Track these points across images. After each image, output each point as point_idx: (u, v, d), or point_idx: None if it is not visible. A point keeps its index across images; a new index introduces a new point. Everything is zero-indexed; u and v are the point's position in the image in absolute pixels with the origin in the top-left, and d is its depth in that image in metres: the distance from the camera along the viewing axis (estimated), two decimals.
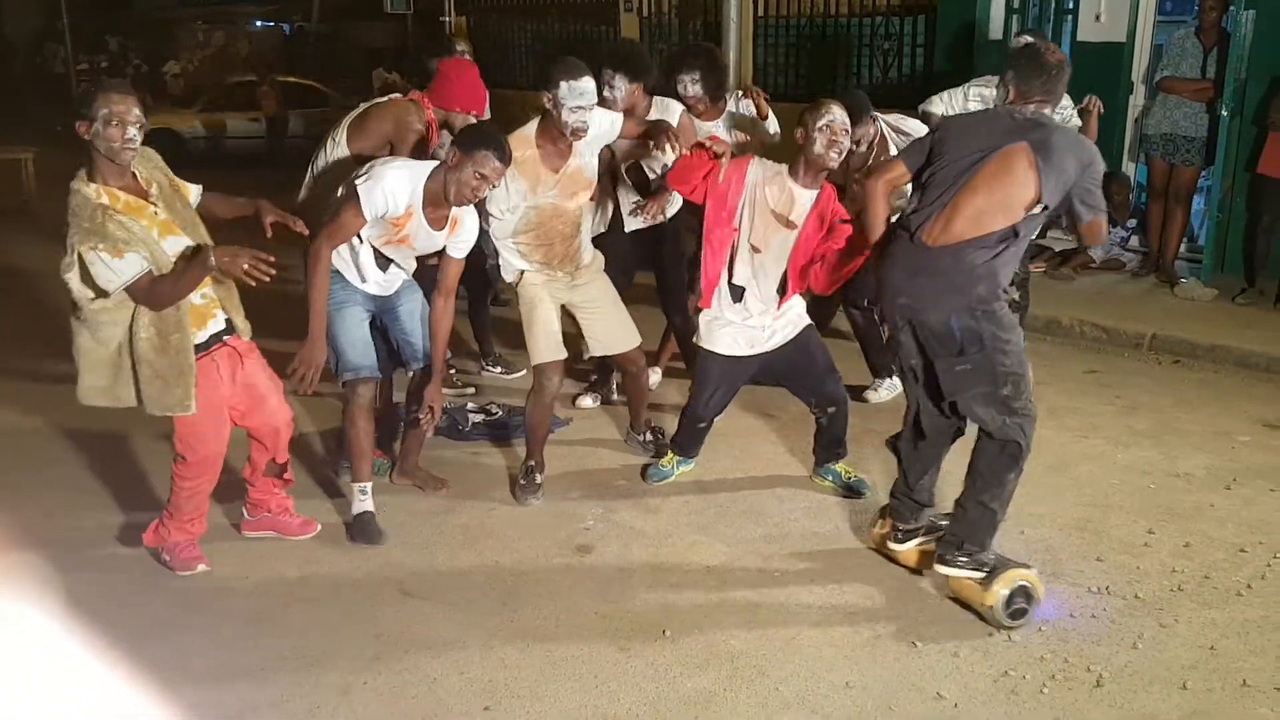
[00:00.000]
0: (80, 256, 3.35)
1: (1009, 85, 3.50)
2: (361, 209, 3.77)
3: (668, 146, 4.26)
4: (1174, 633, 3.45)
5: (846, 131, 4.07)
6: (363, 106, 4.62)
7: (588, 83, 4.02)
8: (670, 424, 4.81)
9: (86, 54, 20.96)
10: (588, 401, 5.48)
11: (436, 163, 3.90)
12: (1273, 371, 5.82)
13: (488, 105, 5.09)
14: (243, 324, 3.79)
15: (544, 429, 4.46)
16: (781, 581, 3.80)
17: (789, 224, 4.12)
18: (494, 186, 3.84)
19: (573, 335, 4.62)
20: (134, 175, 3.51)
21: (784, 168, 4.16)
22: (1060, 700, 3.12)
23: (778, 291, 4.24)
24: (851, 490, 4.47)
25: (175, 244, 3.52)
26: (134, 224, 3.41)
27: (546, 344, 4.32)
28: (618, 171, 5.04)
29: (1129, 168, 7.90)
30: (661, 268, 5.30)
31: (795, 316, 4.34)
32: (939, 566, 3.63)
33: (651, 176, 5.02)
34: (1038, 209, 3.38)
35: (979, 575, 3.51)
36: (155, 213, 3.50)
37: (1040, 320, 6.64)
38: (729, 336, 4.29)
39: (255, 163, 13.89)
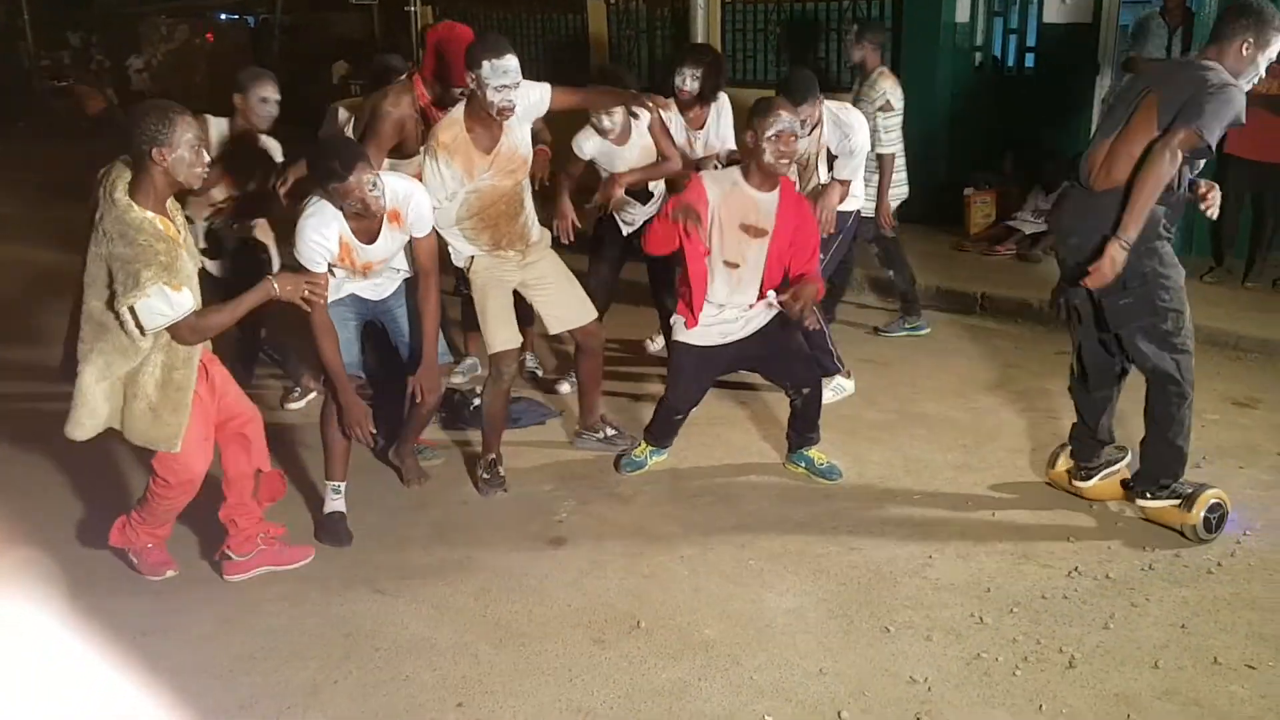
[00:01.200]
0: (146, 291, 3.22)
1: None
2: (313, 268, 3.74)
3: (641, 111, 4.31)
4: (1145, 612, 3.47)
5: (796, 137, 4.04)
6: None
7: (511, 60, 3.88)
8: (648, 415, 4.79)
9: (48, 50, 20.66)
10: (565, 387, 5.47)
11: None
12: (1241, 349, 5.86)
13: None
14: None
15: (502, 419, 4.44)
16: (755, 569, 3.79)
17: (760, 232, 4.12)
18: (373, 186, 3.67)
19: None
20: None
21: (737, 174, 4.14)
22: (1033, 681, 3.14)
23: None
24: (824, 476, 4.47)
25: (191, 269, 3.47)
26: (185, 256, 3.36)
27: (502, 332, 4.28)
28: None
29: None
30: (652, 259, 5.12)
31: (765, 303, 4.33)
32: (1140, 502, 3.97)
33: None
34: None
35: (1177, 502, 3.87)
36: (184, 239, 3.44)
37: (1010, 302, 6.65)
38: (702, 328, 4.29)
39: None
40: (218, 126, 4.80)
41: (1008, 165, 8.16)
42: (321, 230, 3.74)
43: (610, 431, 4.81)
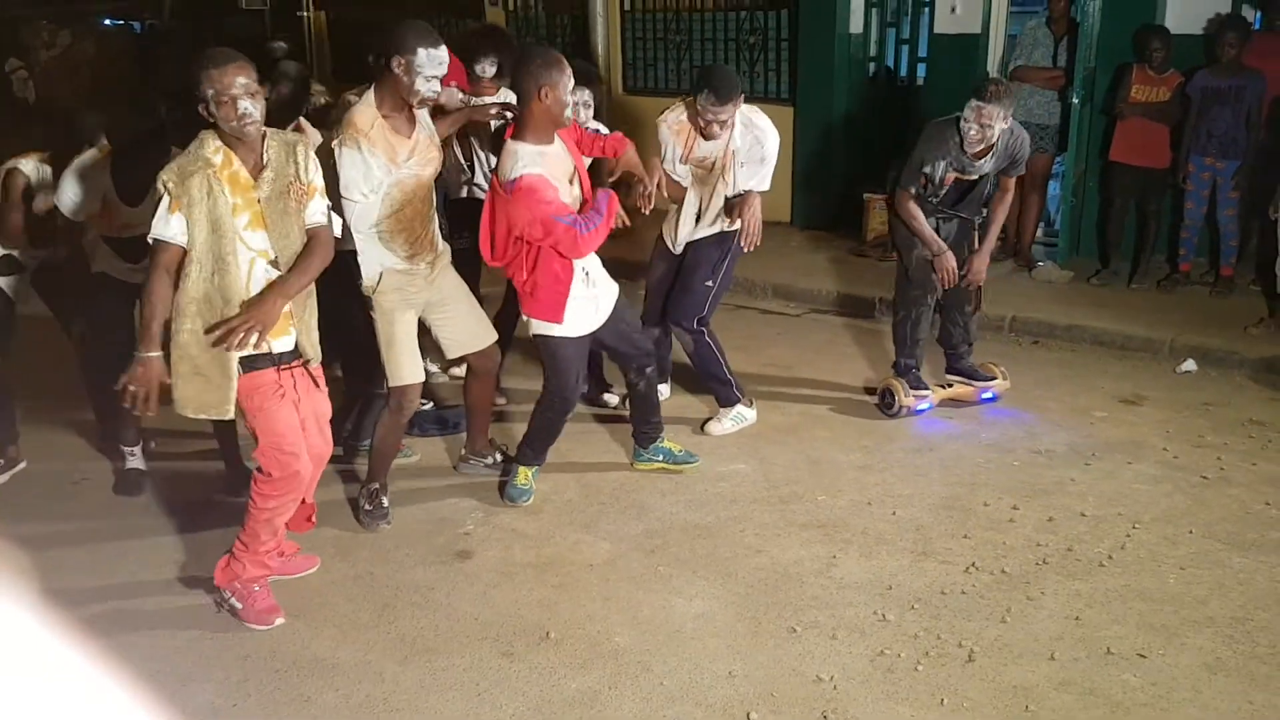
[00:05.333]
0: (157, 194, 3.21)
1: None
2: None
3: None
4: (1041, 605, 3.56)
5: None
6: None
7: (444, 50, 3.83)
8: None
9: None
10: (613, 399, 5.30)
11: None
12: (1127, 349, 6.07)
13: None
14: (313, 349, 3.54)
15: (394, 451, 4.29)
16: (664, 575, 3.80)
17: (573, 176, 4.01)
18: None
19: None
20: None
21: (529, 148, 3.86)
22: (935, 676, 3.20)
23: None
24: (685, 463, 4.57)
25: (259, 240, 3.32)
26: (224, 196, 3.23)
27: (410, 364, 4.07)
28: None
29: None
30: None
31: (606, 280, 4.22)
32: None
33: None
34: None
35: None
36: (256, 198, 3.29)
37: None
38: (575, 317, 4.08)
39: None
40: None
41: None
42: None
43: (499, 456, 4.62)
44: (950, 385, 5.32)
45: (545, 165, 3.85)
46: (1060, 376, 5.72)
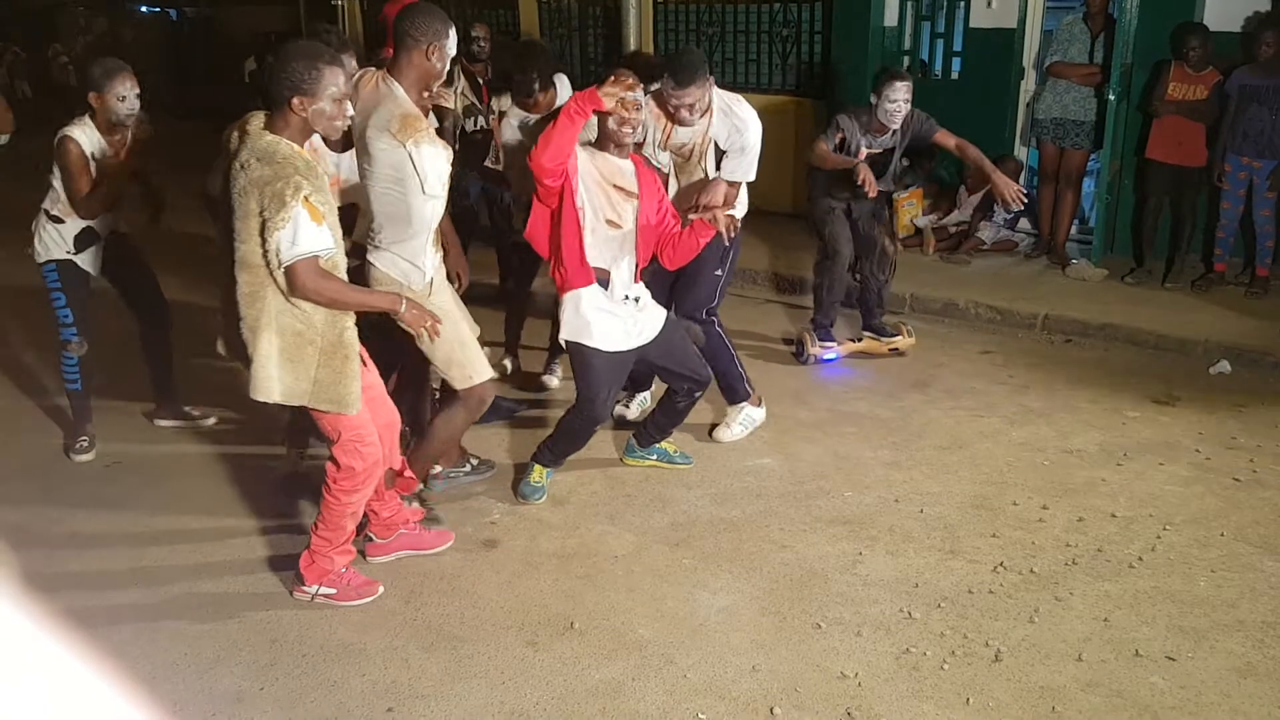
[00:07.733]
0: (289, 213, 3.01)
1: None
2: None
3: None
4: (1069, 606, 3.54)
5: (639, 106, 3.97)
6: None
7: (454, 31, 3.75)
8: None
9: None
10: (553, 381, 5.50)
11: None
12: (1160, 349, 6.00)
13: None
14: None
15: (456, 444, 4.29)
16: (689, 568, 3.80)
17: (630, 195, 4.01)
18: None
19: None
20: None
21: (590, 147, 4.03)
22: (961, 675, 3.18)
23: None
24: (683, 463, 4.60)
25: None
26: (326, 188, 3.20)
27: (484, 359, 3.97)
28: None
29: (1020, 152, 8.07)
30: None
31: (655, 306, 4.24)
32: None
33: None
34: None
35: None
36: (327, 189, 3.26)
37: (937, 302, 6.75)
38: (610, 332, 4.06)
39: None
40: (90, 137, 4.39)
41: (932, 167, 8.28)
42: None
43: (474, 461, 4.50)
44: (861, 340, 5.97)
45: (593, 160, 3.96)
46: (1092, 375, 5.66)
